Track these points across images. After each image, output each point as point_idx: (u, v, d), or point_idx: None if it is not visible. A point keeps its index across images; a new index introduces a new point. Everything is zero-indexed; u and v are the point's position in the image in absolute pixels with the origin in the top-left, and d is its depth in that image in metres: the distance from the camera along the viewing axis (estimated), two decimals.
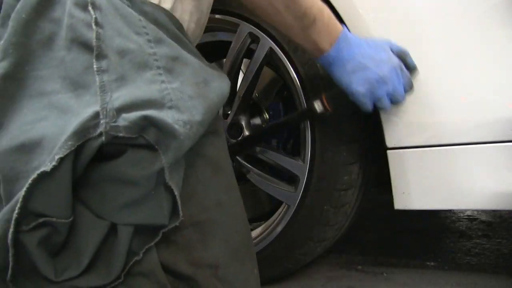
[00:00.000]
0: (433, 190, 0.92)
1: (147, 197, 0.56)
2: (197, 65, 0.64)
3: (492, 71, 0.86)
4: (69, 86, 0.56)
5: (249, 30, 1.10)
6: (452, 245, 1.49)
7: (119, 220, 0.55)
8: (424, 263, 1.30)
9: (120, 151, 0.54)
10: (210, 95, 0.63)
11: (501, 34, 0.85)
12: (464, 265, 1.28)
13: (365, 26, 0.94)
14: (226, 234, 0.66)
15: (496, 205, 0.88)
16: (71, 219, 0.54)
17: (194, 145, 0.60)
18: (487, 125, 0.85)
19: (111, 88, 0.55)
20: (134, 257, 0.57)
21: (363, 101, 0.87)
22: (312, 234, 1.06)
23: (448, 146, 0.89)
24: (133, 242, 0.57)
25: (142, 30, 0.60)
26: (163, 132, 0.55)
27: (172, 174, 0.57)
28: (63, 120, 0.54)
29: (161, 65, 0.59)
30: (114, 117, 0.53)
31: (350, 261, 1.35)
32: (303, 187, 1.05)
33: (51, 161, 0.50)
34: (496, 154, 0.85)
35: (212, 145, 0.68)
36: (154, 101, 0.56)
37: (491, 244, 1.47)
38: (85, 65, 0.56)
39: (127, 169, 0.54)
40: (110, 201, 0.55)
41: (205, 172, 0.66)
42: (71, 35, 0.57)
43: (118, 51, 0.57)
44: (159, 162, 0.55)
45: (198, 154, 0.65)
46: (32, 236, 0.52)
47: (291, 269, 1.15)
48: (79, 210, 0.55)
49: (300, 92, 1.04)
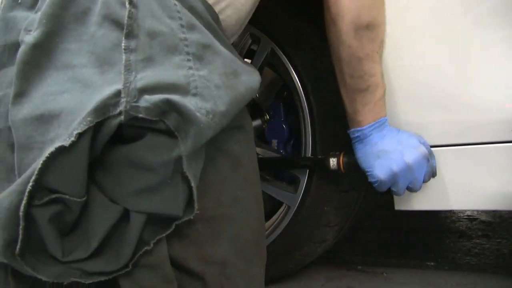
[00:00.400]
0: (433, 190, 0.92)
1: (163, 185, 0.54)
2: (229, 56, 0.63)
3: (492, 71, 0.86)
4: (95, 62, 0.56)
5: (249, 31, 1.10)
6: (452, 245, 1.49)
7: (133, 206, 0.55)
8: (424, 263, 1.30)
9: (139, 134, 0.54)
10: (238, 87, 0.62)
11: (502, 34, 0.85)
12: (464, 265, 1.28)
13: None
14: (237, 231, 0.65)
15: (496, 205, 0.88)
16: (84, 199, 0.53)
17: (216, 139, 0.59)
18: (487, 125, 0.85)
19: (136, 68, 0.54)
20: (144, 247, 0.56)
21: (380, 187, 0.84)
22: (312, 235, 1.06)
23: (448, 147, 0.89)
24: (144, 231, 0.56)
25: (176, 15, 0.59)
26: (184, 118, 0.54)
27: (190, 164, 0.55)
28: (85, 94, 0.53)
29: (191, 51, 0.58)
30: (136, 97, 0.52)
31: (350, 261, 1.35)
32: (304, 188, 1.05)
33: (70, 137, 0.50)
34: (496, 155, 0.85)
35: (235, 141, 0.67)
36: (179, 86, 0.55)
37: (491, 244, 1.47)
38: (114, 42, 0.56)
39: (144, 154, 0.53)
40: (125, 185, 0.54)
41: (224, 167, 0.65)
42: (104, 12, 0.57)
43: (149, 32, 0.57)
44: (178, 149, 0.54)
45: (219, 149, 0.64)
46: (44, 211, 0.52)
47: (292, 270, 1.15)
48: (93, 192, 0.54)
49: (300, 93, 1.04)
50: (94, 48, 0.56)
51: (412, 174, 0.83)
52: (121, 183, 0.55)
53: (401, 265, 1.29)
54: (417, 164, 0.83)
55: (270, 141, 1.20)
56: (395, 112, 0.92)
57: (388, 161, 0.82)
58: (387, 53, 0.92)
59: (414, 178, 0.84)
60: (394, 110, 0.92)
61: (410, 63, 0.92)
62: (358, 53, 0.79)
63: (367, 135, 0.84)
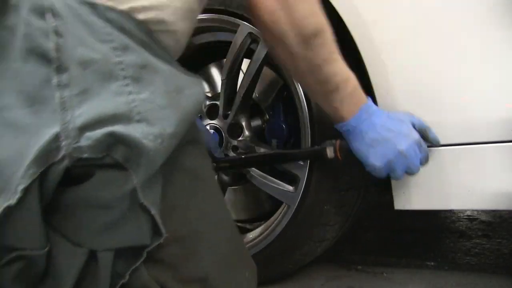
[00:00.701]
0: (433, 190, 0.92)
1: (124, 219, 0.52)
2: (169, 72, 0.60)
3: (493, 71, 0.86)
4: (25, 101, 0.51)
5: (249, 30, 1.10)
6: (452, 245, 1.49)
7: (98, 246, 0.53)
8: (424, 263, 1.30)
9: (89, 173, 0.51)
10: (184, 104, 0.59)
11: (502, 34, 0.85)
12: (464, 265, 1.28)
13: (365, 26, 0.94)
14: (212, 244, 0.64)
15: (496, 205, 0.88)
16: (47, 249, 0.51)
17: (170, 157, 0.57)
18: (487, 125, 0.85)
19: (72, 105, 0.50)
20: (120, 281, 0.54)
21: (378, 174, 0.87)
22: (312, 234, 1.06)
23: (448, 146, 0.89)
24: (117, 265, 0.54)
25: (107, 38, 0.55)
26: (131, 149, 0.51)
27: (146, 192, 0.53)
28: (20, 140, 0.50)
29: (128, 74, 0.54)
30: (77, 137, 0.49)
31: (350, 261, 1.35)
32: (303, 187, 1.05)
33: (15, 194, 0.47)
34: (496, 155, 0.85)
35: (190, 155, 0.65)
36: (120, 115, 0.51)
37: (491, 244, 1.47)
38: (44, 78, 0.51)
39: (97, 193, 0.51)
40: (85, 227, 0.52)
41: (184, 185, 0.63)
42: (28, 45, 0.52)
43: (80, 62, 0.52)
44: (130, 181, 0.51)
45: (175, 166, 0.61)
46: (6, 272, 0.49)
47: (291, 269, 1.15)
48: (55, 239, 0.52)
49: (300, 93, 1.04)
50: (21, 86, 0.51)
51: (407, 160, 0.85)
52: (81, 225, 0.53)
53: (401, 265, 1.29)
54: (411, 151, 0.84)
55: (269, 141, 1.20)
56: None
57: (381, 149, 0.84)
58: (387, 53, 0.92)
59: (410, 163, 0.85)
60: (394, 110, 0.92)
61: (410, 63, 0.92)
62: (316, 61, 0.79)
63: (355, 126, 0.85)
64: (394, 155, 0.84)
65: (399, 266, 1.28)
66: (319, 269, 1.29)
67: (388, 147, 0.84)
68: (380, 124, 0.85)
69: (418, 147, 0.86)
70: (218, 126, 1.21)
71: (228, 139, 1.20)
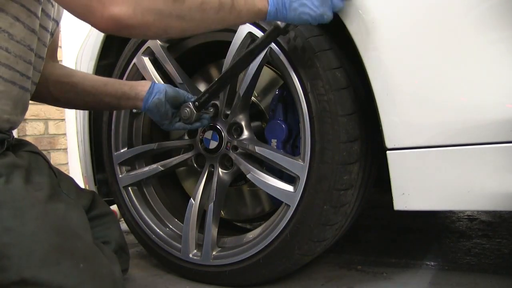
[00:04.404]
0: (433, 191, 0.91)
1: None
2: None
3: (493, 71, 0.86)
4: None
5: (248, 30, 1.10)
6: (452, 245, 1.49)
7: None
8: (424, 263, 1.30)
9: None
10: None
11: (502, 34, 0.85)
12: (464, 265, 1.28)
13: (364, 24, 0.93)
14: (25, 248, 0.75)
15: (496, 205, 0.87)
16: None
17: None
18: (487, 125, 0.85)
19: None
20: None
21: (325, 13, 0.91)
22: (311, 234, 1.06)
23: (448, 147, 0.89)
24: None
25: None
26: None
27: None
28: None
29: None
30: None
31: (350, 261, 1.35)
32: (303, 186, 1.05)
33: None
34: (496, 155, 0.85)
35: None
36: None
37: (491, 244, 1.47)
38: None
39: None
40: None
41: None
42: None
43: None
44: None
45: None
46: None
47: (291, 269, 1.15)
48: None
49: (300, 92, 1.04)
50: None
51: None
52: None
53: (401, 265, 1.29)
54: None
55: (269, 140, 1.20)
56: (396, 112, 0.92)
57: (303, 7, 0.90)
58: (387, 53, 0.92)
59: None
60: (395, 110, 0.92)
61: (410, 63, 0.92)
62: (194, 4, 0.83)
63: (277, 4, 0.90)
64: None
65: (399, 266, 1.28)
66: (319, 269, 1.29)
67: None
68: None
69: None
70: (218, 126, 1.21)
71: (228, 139, 1.20)
